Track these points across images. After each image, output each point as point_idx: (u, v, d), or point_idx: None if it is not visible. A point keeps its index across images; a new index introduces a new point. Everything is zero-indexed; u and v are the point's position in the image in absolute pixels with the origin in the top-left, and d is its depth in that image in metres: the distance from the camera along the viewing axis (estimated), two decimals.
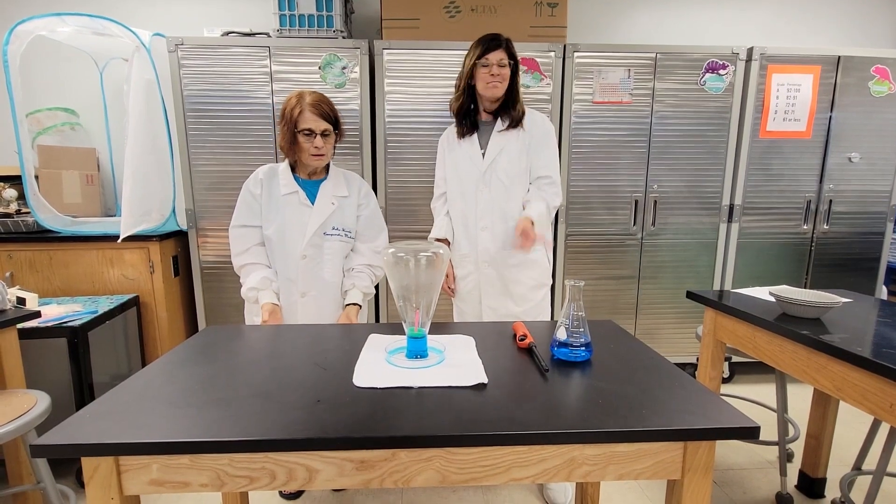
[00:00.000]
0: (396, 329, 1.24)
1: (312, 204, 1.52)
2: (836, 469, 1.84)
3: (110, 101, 2.66)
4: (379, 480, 0.78)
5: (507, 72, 1.59)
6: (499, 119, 1.67)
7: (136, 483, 0.76)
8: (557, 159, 1.72)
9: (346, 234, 1.57)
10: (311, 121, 1.42)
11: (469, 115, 1.69)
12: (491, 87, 1.59)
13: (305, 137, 1.44)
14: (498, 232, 1.68)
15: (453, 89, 1.71)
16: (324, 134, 1.45)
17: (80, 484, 1.78)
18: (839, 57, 2.43)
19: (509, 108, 1.65)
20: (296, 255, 1.50)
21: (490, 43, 1.57)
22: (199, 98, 2.26)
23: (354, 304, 1.57)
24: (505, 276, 1.71)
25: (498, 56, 1.56)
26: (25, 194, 2.11)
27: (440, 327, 1.26)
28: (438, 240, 1.75)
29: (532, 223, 1.55)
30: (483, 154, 1.68)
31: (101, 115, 2.67)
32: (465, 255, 1.74)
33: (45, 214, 2.17)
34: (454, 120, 1.74)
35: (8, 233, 2.19)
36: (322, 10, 2.28)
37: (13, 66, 2.00)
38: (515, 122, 1.65)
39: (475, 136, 1.69)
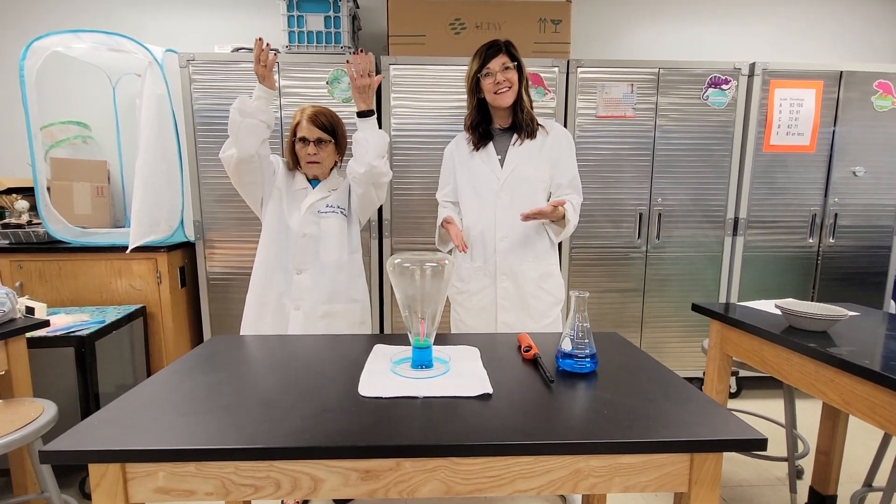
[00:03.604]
0: (402, 340, 1.24)
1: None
2: (846, 485, 1.80)
3: (122, 115, 2.71)
4: (384, 490, 0.78)
5: (513, 75, 1.52)
6: (514, 134, 1.61)
7: (142, 490, 0.76)
8: (576, 173, 1.66)
9: (340, 211, 1.61)
10: (305, 130, 1.51)
11: (481, 125, 1.63)
12: (500, 96, 1.53)
13: (301, 145, 1.53)
14: (517, 243, 1.61)
15: (460, 107, 1.70)
16: (318, 142, 1.51)
17: (84, 494, 1.77)
18: (841, 72, 2.44)
19: (520, 119, 1.58)
20: (296, 234, 1.56)
21: (488, 51, 1.52)
22: (209, 112, 2.30)
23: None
24: (524, 290, 1.63)
25: (499, 62, 1.51)
26: (37, 205, 2.14)
27: (445, 338, 1.26)
28: (447, 221, 1.64)
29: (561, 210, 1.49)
30: (501, 162, 1.61)
31: (113, 128, 2.72)
32: (479, 268, 1.65)
33: (56, 225, 2.20)
34: (465, 132, 1.69)
35: (19, 243, 2.23)
36: (330, 27, 2.33)
37: (29, 80, 2.05)
38: (531, 133, 1.60)
39: (490, 145, 1.63)
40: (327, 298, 1.58)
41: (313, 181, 1.62)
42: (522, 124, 1.60)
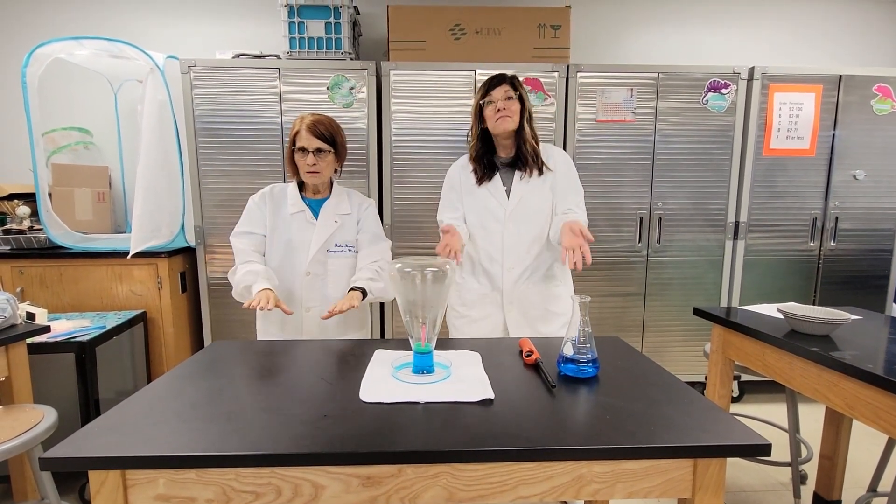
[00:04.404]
0: (403, 345, 1.24)
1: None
2: (850, 491, 1.79)
3: (123, 120, 2.72)
4: (385, 497, 0.77)
5: (514, 105, 1.52)
6: (517, 170, 1.59)
7: (142, 497, 0.75)
8: (583, 197, 1.63)
9: (349, 250, 1.59)
10: (304, 139, 1.49)
11: (486, 156, 1.61)
12: (500, 121, 1.51)
13: (300, 154, 1.51)
14: (525, 269, 1.60)
15: (460, 112, 1.65)
16: (317, 151, 1.49)
17: (84, 501, 1.76)
18: (841, 76, 2.45)
19: (524, 151, 1.57)
20: (300, 272, 1.53)
21: (493, 80, 1.54)
22: (210, 118, 2.31)
23: (357, 287, 1.49)
24: (531, 315, 1.62)
25: (502, 91, 1.51)
26: (38, 211, 2.14)
27: (446, 342, 1.26)
28: (443, 231, 1.57)
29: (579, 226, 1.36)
30: (508, 193, 1.59)
31: (115, 134, 2.73)
32: (485, 295, 1.63)
33: (57, 231, 2.21)
34: (469, 162, 1.65)
35: (20, 249, 2.23)
36: (331, 32, 2.34)
37: (31, 87, 2.06)
38: (537, 169, 1.58)
39: (497, 176, 1.61)
40: (339, 334, 1.56)
41: (310, 200, 1.58)
42: (527, 157, 1.58)
